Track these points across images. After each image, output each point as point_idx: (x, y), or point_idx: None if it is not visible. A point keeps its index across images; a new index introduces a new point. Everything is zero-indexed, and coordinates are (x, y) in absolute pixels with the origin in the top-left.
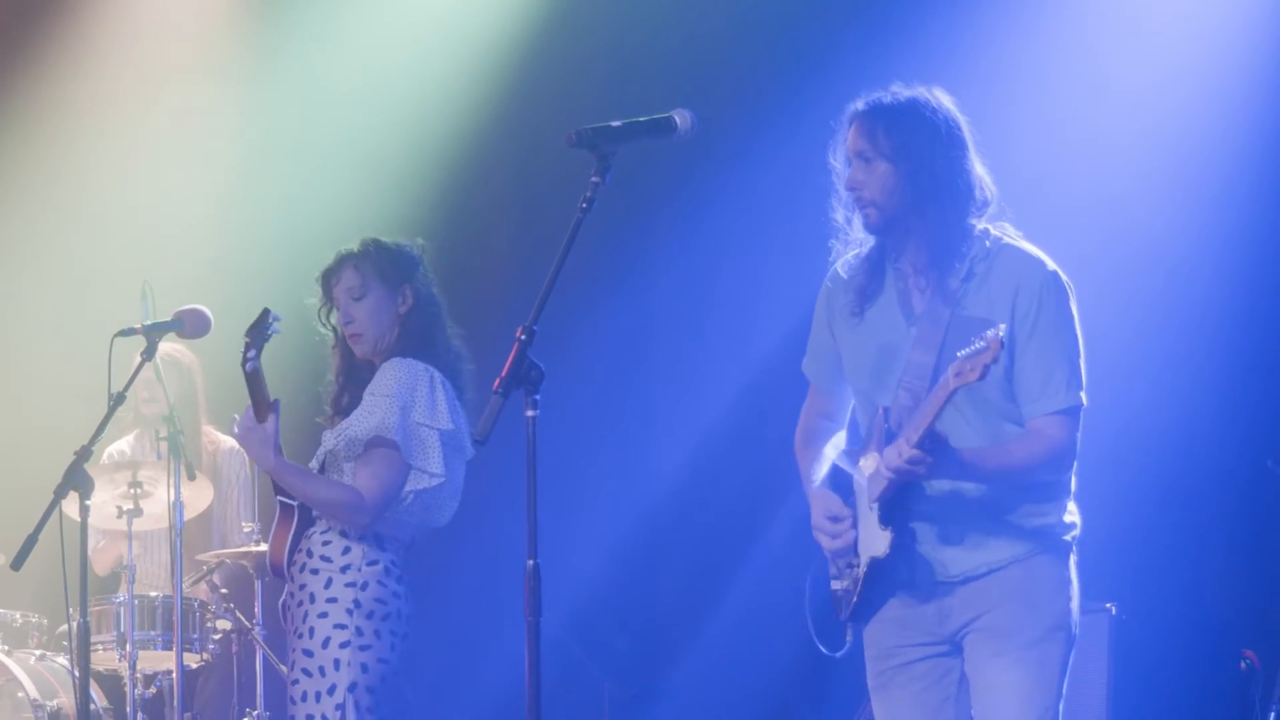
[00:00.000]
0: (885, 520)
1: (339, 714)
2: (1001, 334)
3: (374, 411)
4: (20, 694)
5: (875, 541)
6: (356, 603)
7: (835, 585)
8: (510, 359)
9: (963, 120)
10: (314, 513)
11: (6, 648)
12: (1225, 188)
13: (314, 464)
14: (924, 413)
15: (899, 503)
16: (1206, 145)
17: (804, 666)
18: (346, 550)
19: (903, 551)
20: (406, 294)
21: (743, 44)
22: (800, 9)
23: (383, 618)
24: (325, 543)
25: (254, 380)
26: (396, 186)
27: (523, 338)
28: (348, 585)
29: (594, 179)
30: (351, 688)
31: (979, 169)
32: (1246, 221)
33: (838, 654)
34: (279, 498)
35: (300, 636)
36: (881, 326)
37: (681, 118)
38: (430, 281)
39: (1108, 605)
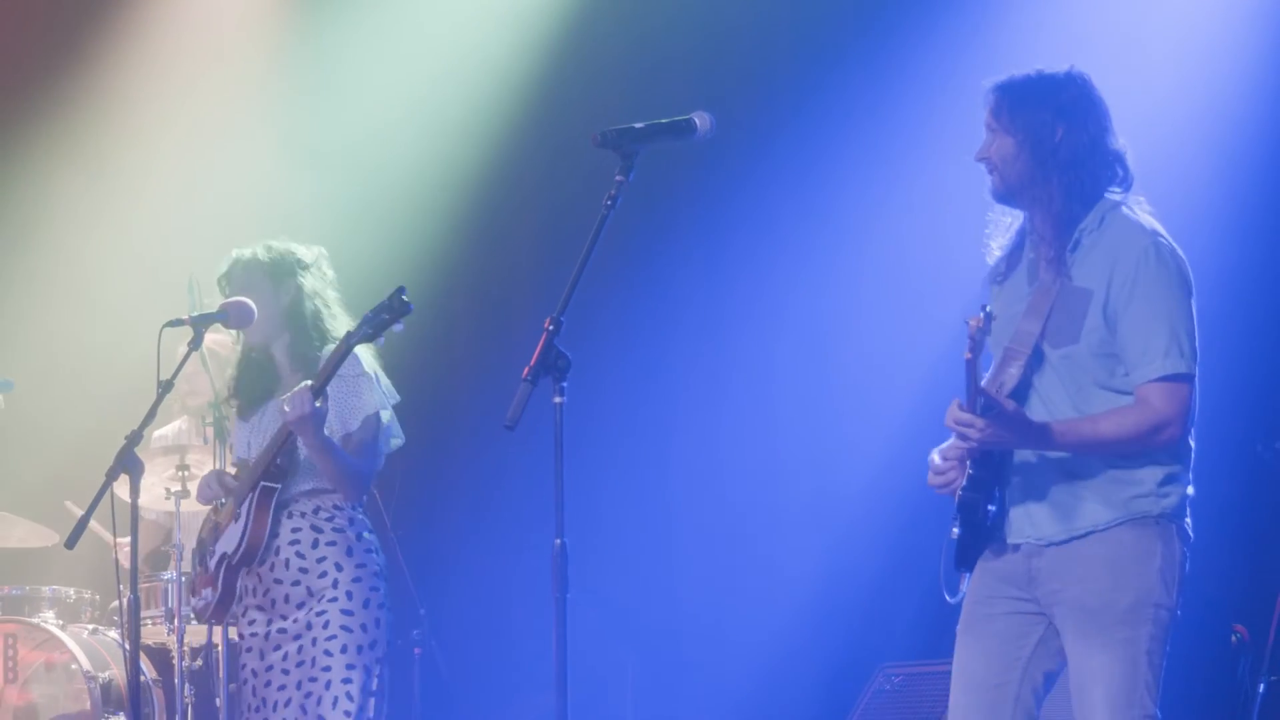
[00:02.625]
0: (974, 470)
1: (379, 667)
2: (986, 311)
3: (358, 391)
4: (74, 666)
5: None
6: (380, 568)
7: (954, 532)
8: (539, 348)
9: (1098, 99)
10: (286, 495)
11: (61, 622)
12: (1219, 182)
13: (233, 462)
14: (972, 381)
15: (986, 463)
16: (1196, 140)
17: (819, 646)
18: (352, 521)
19: (982, 511)
20: (290, 288)
21: (760, 49)
22: (815, 15)
23: (385, 579)
24: (329, 517)
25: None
26: (432, 183)
27: (550, 328)
28: (366, 551)
29: (618, 177)
30: (389, 643)
31: (1114, 145)
32: (1244, 215)
33: (954, 600)
34: (264, 483)
35: (334, 600)
36: (1013, 295)
37: (701, 120)
38: (320, 278)
39: None
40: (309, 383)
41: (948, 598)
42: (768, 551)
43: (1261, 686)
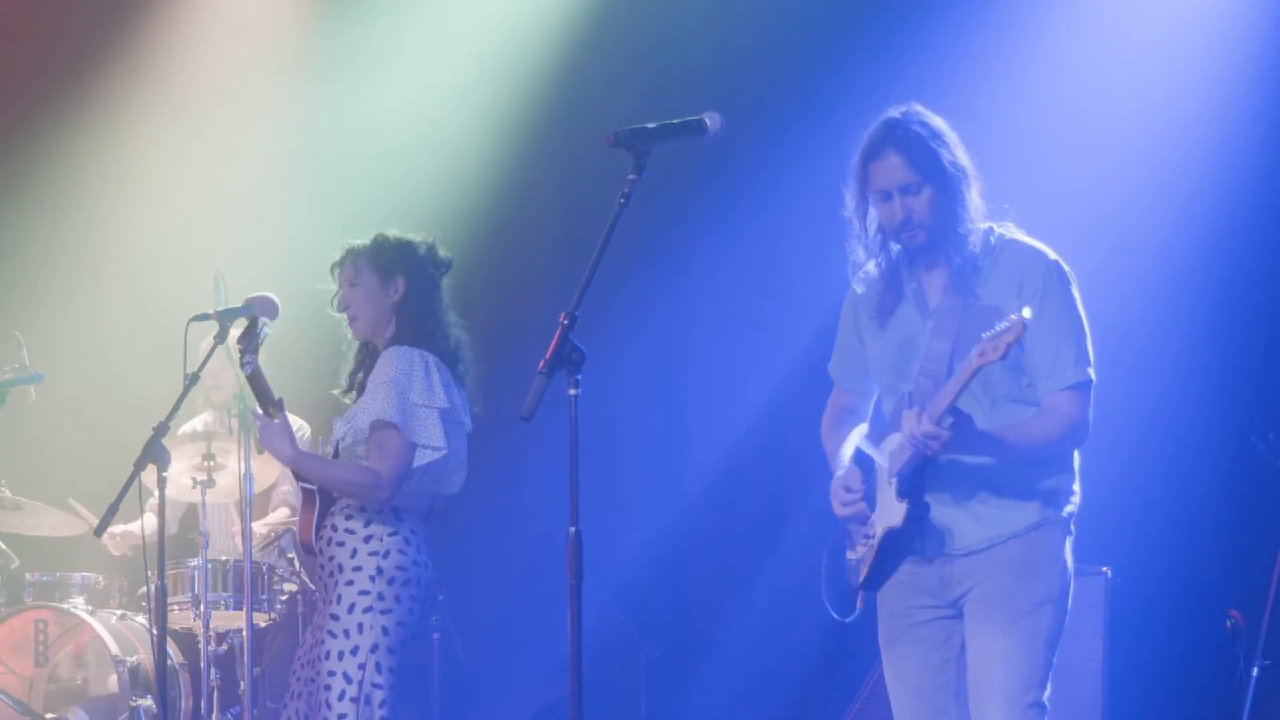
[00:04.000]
0: (902, 493)
1: (361, 672)
2: (1026, 315)
3: (375, 399)
4: (103, 650)
5: (891, 513)
6: (379, 570)
7: (850, 555)
8: (554, 342)
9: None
10: (334, 493)
11: (90, 608)
12: (1213, 180)
13: (329, 449)
14: (947, 390)
15: (916, 478)
16: (1189, 141)
17: (826, 632)
18: (368, 524)
19: (916, 523)
20: (398, 284)
21: (768, 51)
22: (821, 20)
23: (403, 584)
24: (348, 518)
25: (256, 381)
26: (451, 180)
27: (565, 323)
28: (370, 554)
29: (631, 176)
30: (373, 649)
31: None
32: (1238, 213)
33: (848, 619)
34: (301, 484)
35: (329, 603)
36: (901, 326)
37: (712, 120)
38: (430, 274)
39: (1104, 569)
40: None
41: (838, 617)
42: (777, 538)
43: (1255, 670)
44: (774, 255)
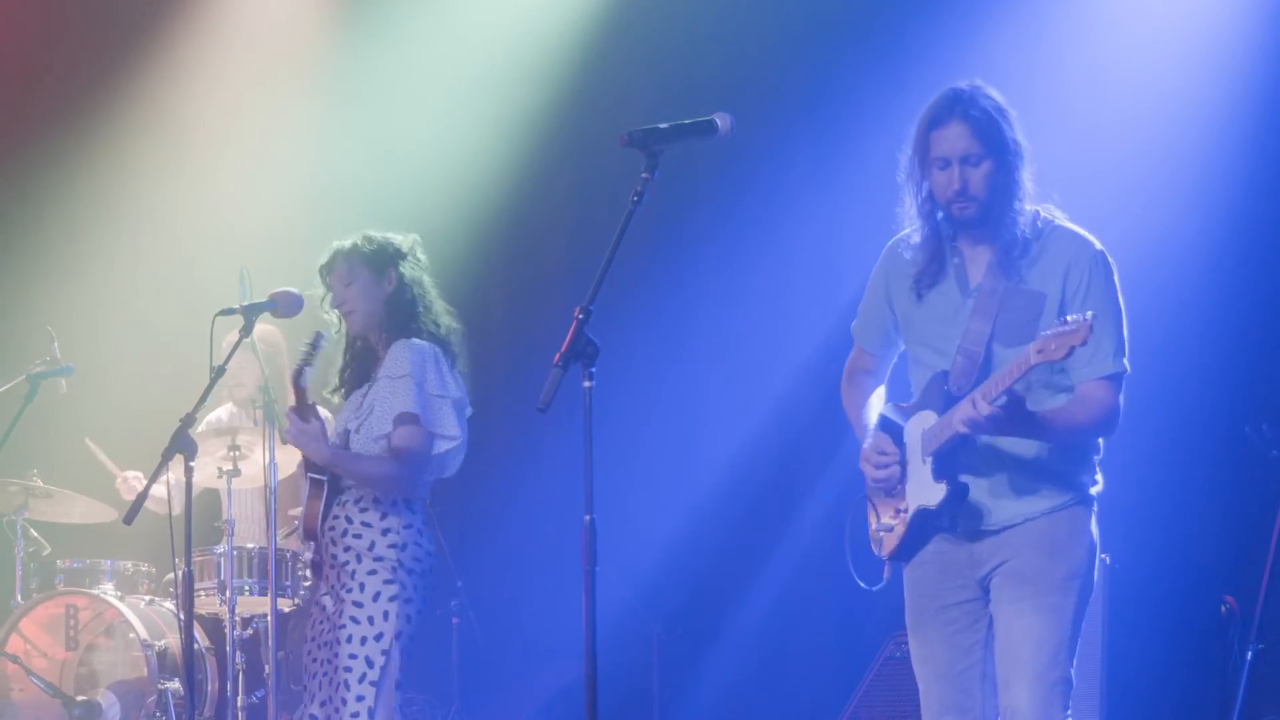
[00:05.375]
0: (940, 474)
1: (384, 658)
2: (1090, 319)
3: (395, 392)
4: (131, 635)
5: (926, 492)
6: (400, 562)
7: (876, 525)
8: (569, 336)
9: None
10: (341, 484)
11: (119, 593)
12: (1209, 172)
13: (335, 439)
14: (1001, 377)
15: (953, 457)
16: (1186, 134)
17: (835, 614)
18: (384, 516)
19: (954, 503)
20: (391, 277)
21: (778, 53)
22: (829, 24)
23: (420, 574)
24: (363, 510)
25: (302, 391)
26: (469, 180)
27: (580, 317)
28: (390, 546)
29: (644, 175)
30: (398, 636)
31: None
32: (1236, 209)
33: (875, 588)
34: (309, 474)
35: (349, 590)
36: (941, 302)
37: (722, 120)
38: (417, 266)
39: (1103, 556)
40: (291, 404)
41: (864, 585)
42: (786, 525)
43: (1250, 654)
44: (783, 251)
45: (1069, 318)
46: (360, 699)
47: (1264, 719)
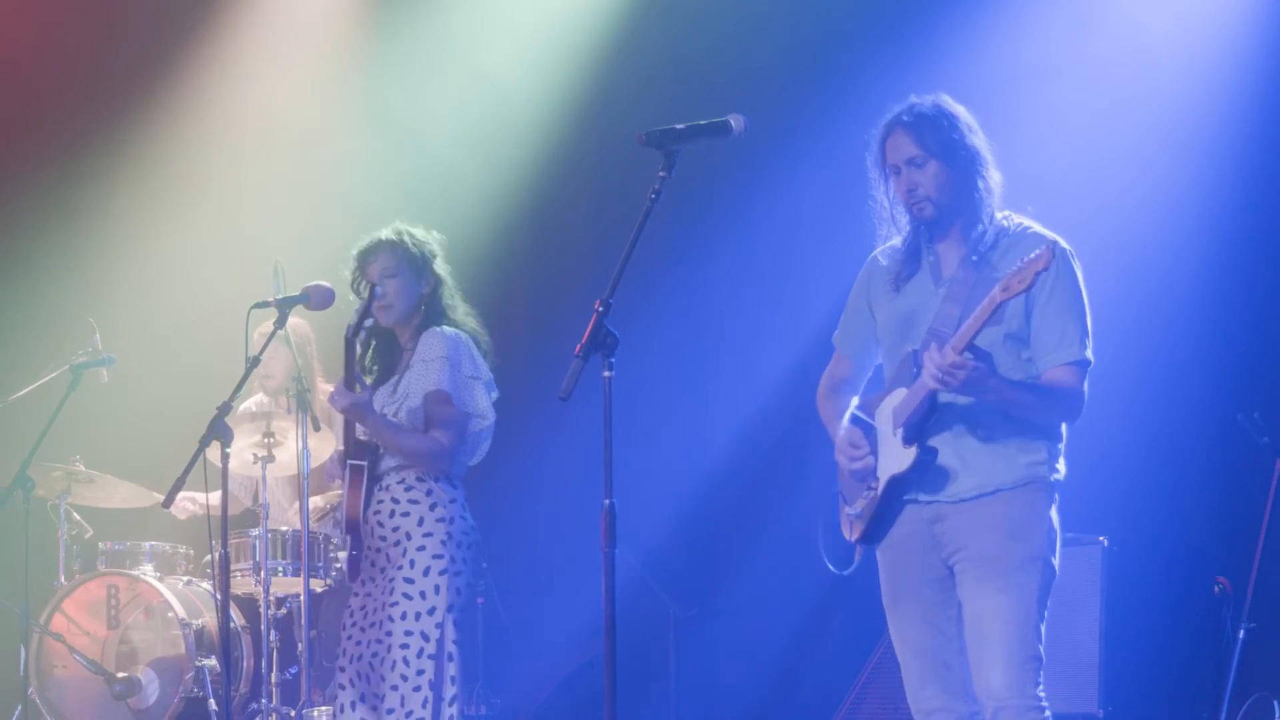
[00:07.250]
0: (910, 438)
1: (439, 631)
2: (1050, 245)
3: (429, 373)
4: (170, 614)
5: (897, 461)
6: (449, 535)
7: (847, 511)
8: (589, 327)
9: (974, 120)
10: (379, 469)
11: (159, 574)
12: (1205, 163)
13: None
14: (967, 326)
15: (923, 423)
16: (1181, 130)
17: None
18: (430, 492)
19: (923, 467)
20: (429, 278)
21: (790, 56)
22: (840, 26)
23: (467, 547)
24: (408, 489)
25: (351, 350)
26: (495, 177)
27: (600, 309)
28: (438, 520)
29: (661, 173)
30: (450, 609)
31: (993, 161)
32: (1230, 197)
33: (845, 572)
34: (350, 461)
35: (399, 568)
36: (915, 293)
37: (736, 121)
38: (446, 269)
39: (1100, 538)
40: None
41: (835, 570)
42: (794, 508)
43: (1242, 633)
44: (794, 247)
45: (1038, 250)
46: (421, 673)
47: (1256, 694)
